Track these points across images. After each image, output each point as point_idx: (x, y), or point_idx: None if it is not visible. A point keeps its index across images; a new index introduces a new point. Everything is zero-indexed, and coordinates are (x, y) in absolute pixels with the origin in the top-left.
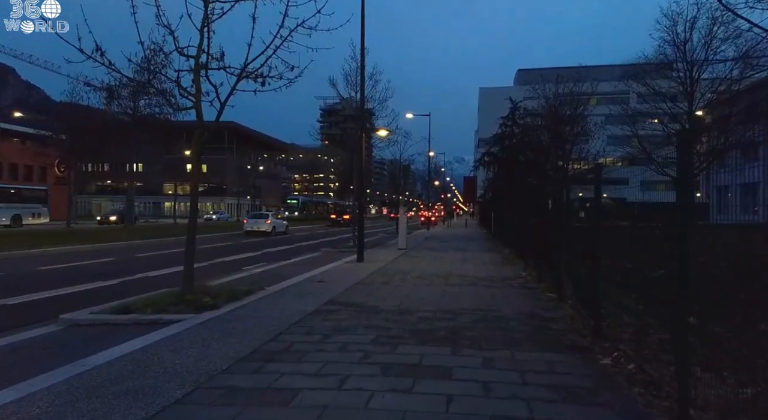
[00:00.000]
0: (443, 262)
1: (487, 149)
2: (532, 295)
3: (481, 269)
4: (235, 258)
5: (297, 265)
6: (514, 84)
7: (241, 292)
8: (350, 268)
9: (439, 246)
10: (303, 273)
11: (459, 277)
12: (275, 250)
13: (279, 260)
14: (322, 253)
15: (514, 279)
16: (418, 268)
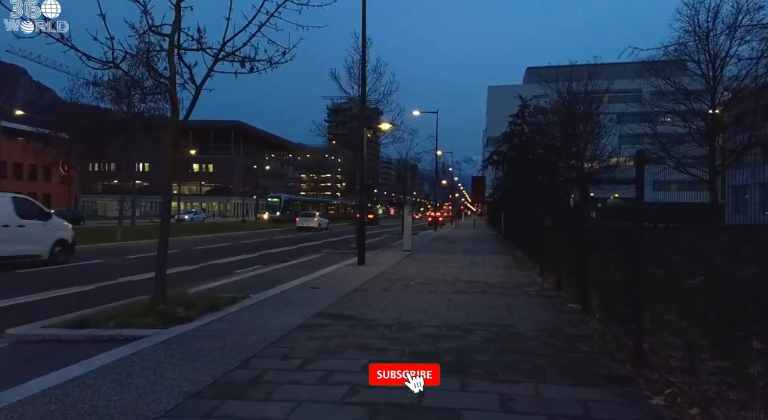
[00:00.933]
0: (450, 265)
1: (496, 148)
2: (552, 306)
3: (492, 274)
4: (230, 260)
5: (293, 269)
6: (524, 82)
7: (223, 301)
8: (349, 272)
9: (446, 247)
10: (298, 277)
11: (468, 283)
12: (275, 251)
13: (275, 262)
14: (323, 255)
15: (530, 285)
16: (423, 273)
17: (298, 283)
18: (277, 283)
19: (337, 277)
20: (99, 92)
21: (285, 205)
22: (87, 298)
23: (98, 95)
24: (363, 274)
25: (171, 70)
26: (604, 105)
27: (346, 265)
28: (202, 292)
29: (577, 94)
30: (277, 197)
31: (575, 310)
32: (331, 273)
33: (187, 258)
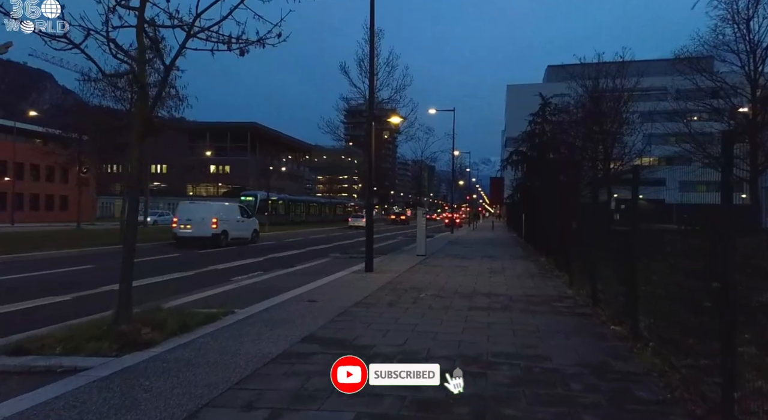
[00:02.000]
0: (468, 273)
1: (516, 148)
2: (590, 328)
3: (515, 284)
4: (230, 265)
5: (296, 276)
6: (544, 81)
7: (198, 319)
8: (354, 281)
9: (463, 252)
10: (296, 287)
11: (487, 296)
12: (281, 255)
13: (279, 268)
14: (330, 260)
15: (559, 300)
16: (436, 282)
17: (294, 294)
18: (272, 294)
19: (340, 286)
20: (101, 89)
21: (262, 204)
22: (59, 311)
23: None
24: (369, 283)
25: (140, 48)
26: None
27: (353, 273)
28: (184, 305)
29: (602, 91)
30: (252, 195)
31: (620, 335)
32: (335, 282)
33: (185, 263)
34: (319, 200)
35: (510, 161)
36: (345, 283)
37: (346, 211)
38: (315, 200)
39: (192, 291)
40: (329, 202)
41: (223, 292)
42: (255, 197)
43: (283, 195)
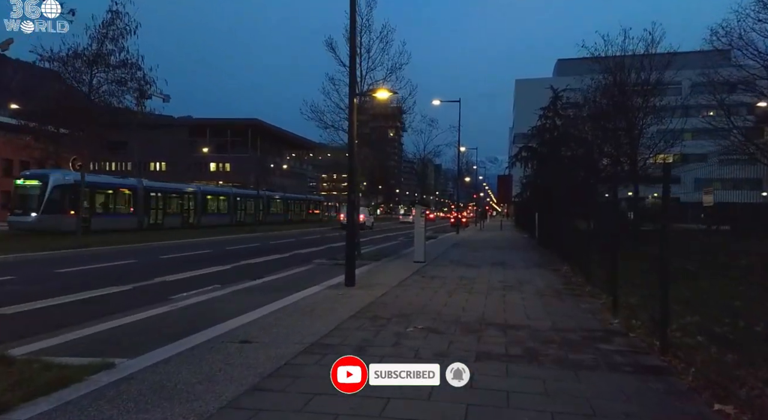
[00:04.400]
0: (474, 288)
1: (525, 143)
2: (678, 406)
3: (538, 308)
4: (187, 276)
5: (255, 292)
6: (554, 75)
7: (38, 385)
8: (323, 303)
9: (469, 258)
10: (242, 312)
11: (502, 330)
12: (259, 261)
13: (244, 279)
14: (312, 267)
15: (606, 337)
16: (432, 304)
17: (231, 326)
18: (203, 325)
19: (300, 312)
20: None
21: (61, 195)
22: None
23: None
24: (342, 306)
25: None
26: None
27: (329, 288)
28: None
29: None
30: (39, 177)
31: None
32: (297, 303)
33: (136, 272)
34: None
35: (519, 157)
36: (310, 305)
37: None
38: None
39: (102, 317)
40: (299, 198)
41: (141, 321)
42: (44, 180)
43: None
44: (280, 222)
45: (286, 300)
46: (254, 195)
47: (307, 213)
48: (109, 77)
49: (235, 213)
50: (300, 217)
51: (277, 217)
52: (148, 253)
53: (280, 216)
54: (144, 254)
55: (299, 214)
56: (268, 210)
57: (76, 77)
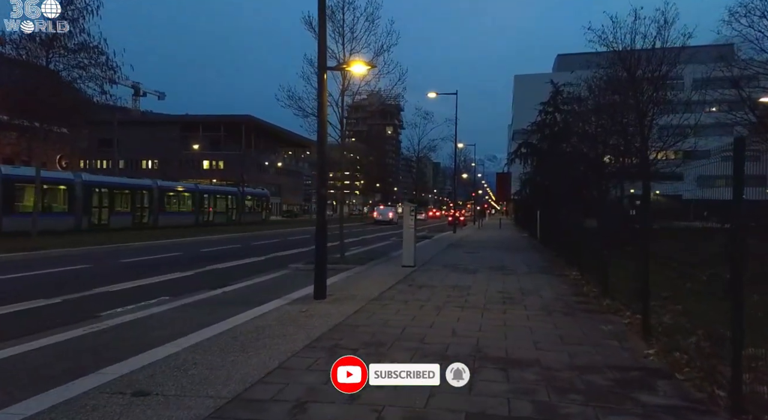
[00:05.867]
0: (469, 302)
1: (525, 139)
2: None
3: (546, 331)
4: (135, 284)
5: (202, 308)
6: (554, 71)
7: None
8: (277, 324)
9: (465, 261)
10: (172, 339)
11: (501, 368)
12: (230, 265)
13: (201, 288)
14: (288, 273)
15: (643, 378)
16: (414, 327)
17: (134, 367)
18: (105, 361)
19: (242, 339)
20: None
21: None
22: None
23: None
24: (302, 327)
25: None
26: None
27: (294, 301)
28: None
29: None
30: None
31: None
32: (247, 324)
33: (81, 280)
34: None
35: (518, 154)
36: (257, 329)
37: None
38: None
39: None
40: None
41: (31, 353)
42: None
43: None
44: (259, 222)
45: (235, 320)
46: (228, 191)
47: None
48: (69, 62)
49: (201, 212)
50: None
51: (252, 216)
52: (111, 256)
53: (256, 215)
54: (105, 257)
55: (226, 212)
56: (243, 208)
57: (31, 62)
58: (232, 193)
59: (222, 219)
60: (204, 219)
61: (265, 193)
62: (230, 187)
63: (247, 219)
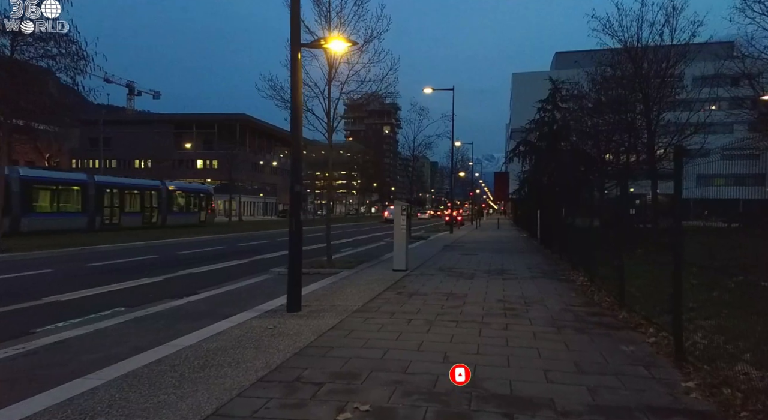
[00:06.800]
0: (464, 312)
1: (523, 138)
2: None
3: (557, 355)
4: (104, 290)
5: (160, 322)
6: (552, 69)
7: None
8: (236, 345)
9: (461, 264)
10: (103, 366)
11: (504, 412)
12: (206, 269)
13: (167, 297)
14: (268, 278)
15: None
16: (398, 349)
17: (23, 412)
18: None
19: (185, 370)
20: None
21: None
22: None
23: None
24: (263, 350)
25: None
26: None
27: (264, 314)
28: None
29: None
30: None
31: None
32: (200, 345)
33: (37, 287)
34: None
35: (517, 152)
36: (209, 353)
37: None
38: None
39: None
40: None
41: None
42: None
43: None
44: (194, 225)
45: (186, 339)
46: (145, 186)
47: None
48: (37, 51)
49: (97, 212)
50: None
51: (186, 217)
52: (82, 258)
53: (191, 216)
54: (72, 261)
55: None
56: (171, 208)
57: None
58: (151, 188)
59: (134, 222)
60: (105, 221)
61: (204, 188)
62: (148, 181)
63: (176, 221)
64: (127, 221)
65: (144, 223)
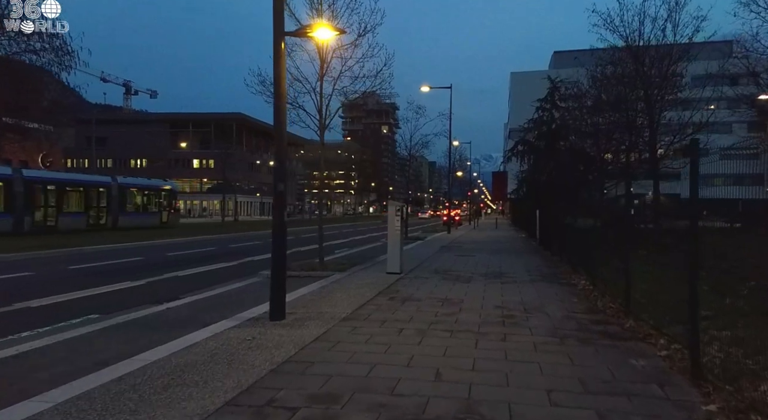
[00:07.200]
0: (460, 321)
1: (522, 137)
2: None
3: (562, 372)
4: (80, 296)
5: (131, 331)
6: (550, 68)
7: None
8: (208, 360)
9: (458, 266)
10: (56, 385)
11: None
12: (195, 271)
13: (143, 304)
14: (257, 281)
15: None
16: (386, 365)
17: None
18: None
19: (145, 391)
20: None
21: None
22: None
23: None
24: (236, 367)
25: None
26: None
27: (245, 323)
28: None
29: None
30: None
31: None
32: (166, 362)
33: (12, 291)
34: None
35: (515, 152)
36: (170, 373)
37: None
38: None
39: None
40: None
41: None
42: None
43: None
44: (155, 227)
45: (154, 353)
46: (89, 182)
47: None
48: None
49: (26, 212)
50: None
51: (144, 218)
52: (67, 260)
53: (150, 217)
54: (55, 263)
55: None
56: (123, 207)
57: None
58: (98, 185)
59: (75, 224)
60: (38, 222)
61: (166, 185)
62: (95, 176)
63: (131, 223)
64: (66, 223)
65: (89, 225)
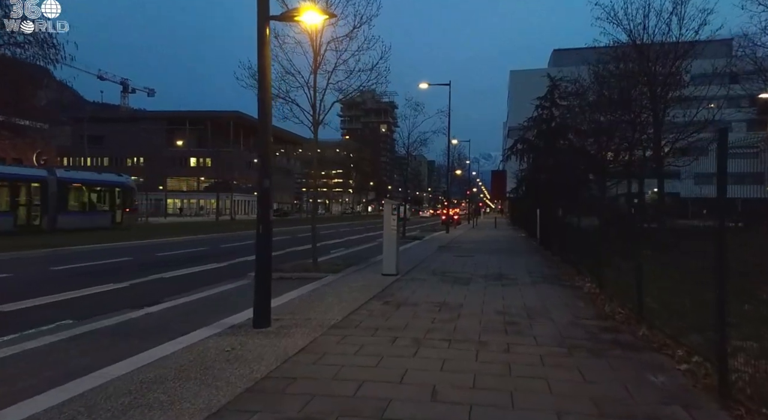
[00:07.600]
0: (458, 328)
1: (521, 136)
2: None
3: (575, 392)
4: (53, 300)
5: (101, 340)
6: (549, 66)
7: None
8: (177, 376)
9: (457, 267)
10: (4, 406)
11: None
12: (182, 273)
13: (120, 309)
14: (246, 283)
15: None
16: (376, 386)
17: None
18: None
19: (100, 416)
20: None
21: None
22: None
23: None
24: (208, 385)
25: None
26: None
27: (227, 330)
28: None
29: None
30: None
31: None
32: (130, 378)
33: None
34: None
35: (514, 150)
36: (133, 392)
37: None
38: None
39: None
40: None
41: None
42: None
43: None
44: (104, 229)
45: (118, 368)
46: (21, 176)
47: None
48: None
49: None
50: None
51: (92, 218)
52: (50, 260)
53: (99, 217)
54: (38, 263)
55: None
56: (64, 206)
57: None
58: (31, 179)
59: None
60: None
61: (121, 181)
62: (27, 169)
63: (74, 223)
64: None
65: (18, 226)
